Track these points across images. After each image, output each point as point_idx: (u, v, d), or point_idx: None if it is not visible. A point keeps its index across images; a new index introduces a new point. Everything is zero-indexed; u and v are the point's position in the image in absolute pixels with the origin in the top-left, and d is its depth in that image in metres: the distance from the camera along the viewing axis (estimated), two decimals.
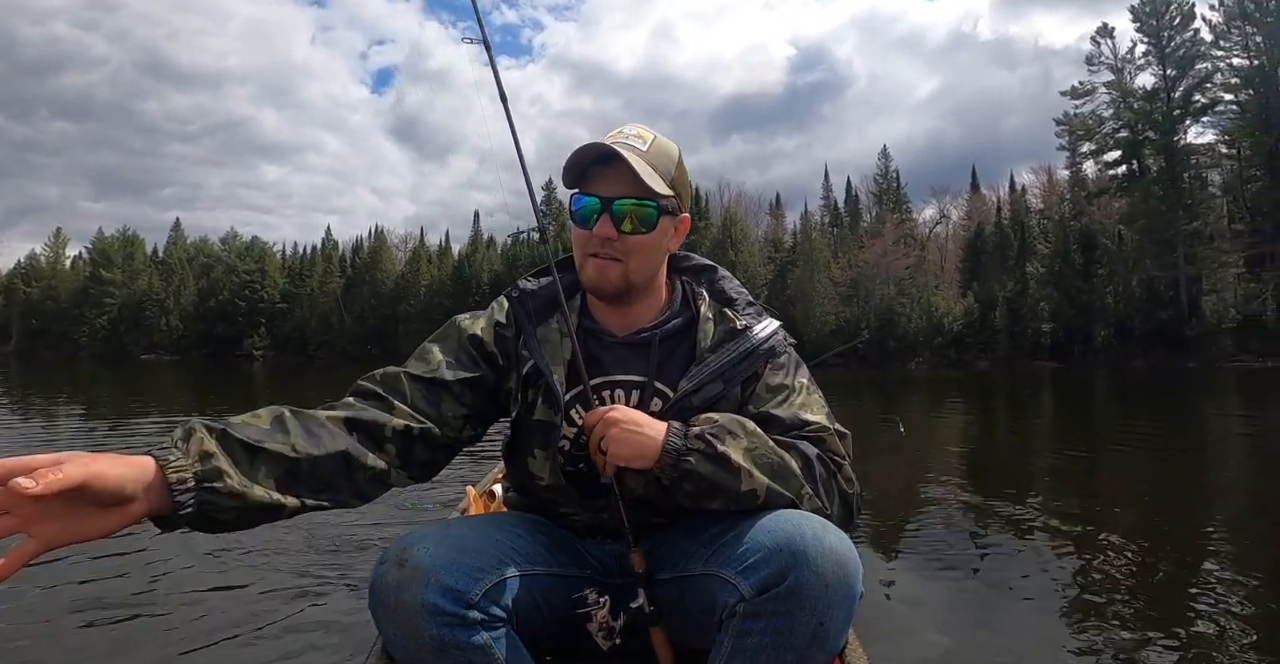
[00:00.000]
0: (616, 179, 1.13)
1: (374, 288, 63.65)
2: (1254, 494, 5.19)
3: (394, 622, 0.96)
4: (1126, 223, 38.72)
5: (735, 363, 1.19)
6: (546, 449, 1.20)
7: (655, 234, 1.17)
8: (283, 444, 1.01)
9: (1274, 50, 35.91)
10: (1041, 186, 48.98)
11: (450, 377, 1.19)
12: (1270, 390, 17.58)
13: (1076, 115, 41.69)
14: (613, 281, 1.17)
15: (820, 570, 0.95)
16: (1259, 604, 2.74)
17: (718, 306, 1.26)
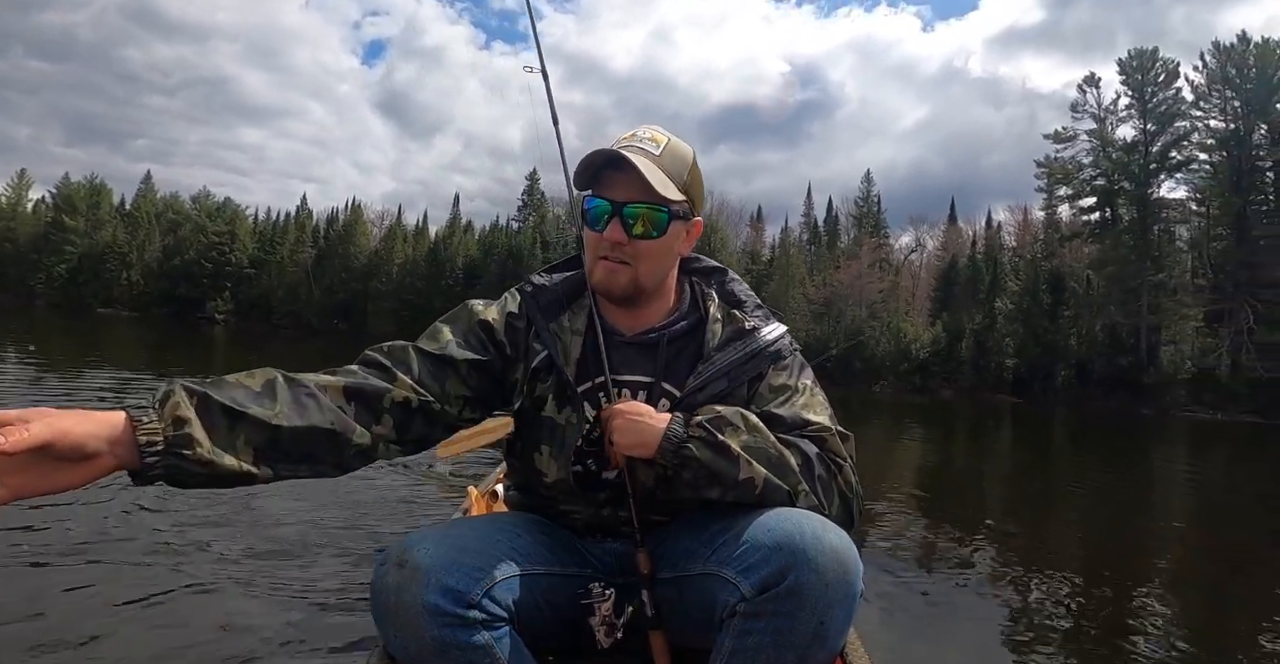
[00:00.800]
0: (628, 183, 1.13)
1: (346, 262, 62.50)
2: (1191, 535, 5.65)
3: (395, 622, 0.96)
4: (1095, 268, 39.62)
5: (741, 362, 1.20)
6: (553, 445, 1.21)
7: (666, 239, 1.17)
8: (268, 411, 1.00)
9: (1250, 116, 37.08)
10: (1016, 225, 49.97)
11: (458, 355, 1.18)
12: (1217, 442, 18.23)
13: (1057, 159, 42.51)
14: (621, 285, 1.18)
15: (821, 570, 0.95)
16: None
17: (726, 308, 1.27)
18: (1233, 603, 3.66)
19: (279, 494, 4.38)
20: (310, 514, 3.82)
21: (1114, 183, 40.13)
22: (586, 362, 1.21)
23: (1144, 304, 36.53)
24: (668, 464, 1.07)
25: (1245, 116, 37.38)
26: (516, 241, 56.76)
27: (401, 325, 57.15)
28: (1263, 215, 36.83)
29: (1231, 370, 33.87)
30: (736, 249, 51.50)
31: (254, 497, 4.18)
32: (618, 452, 1.10)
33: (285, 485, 4.65)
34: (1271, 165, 37.13)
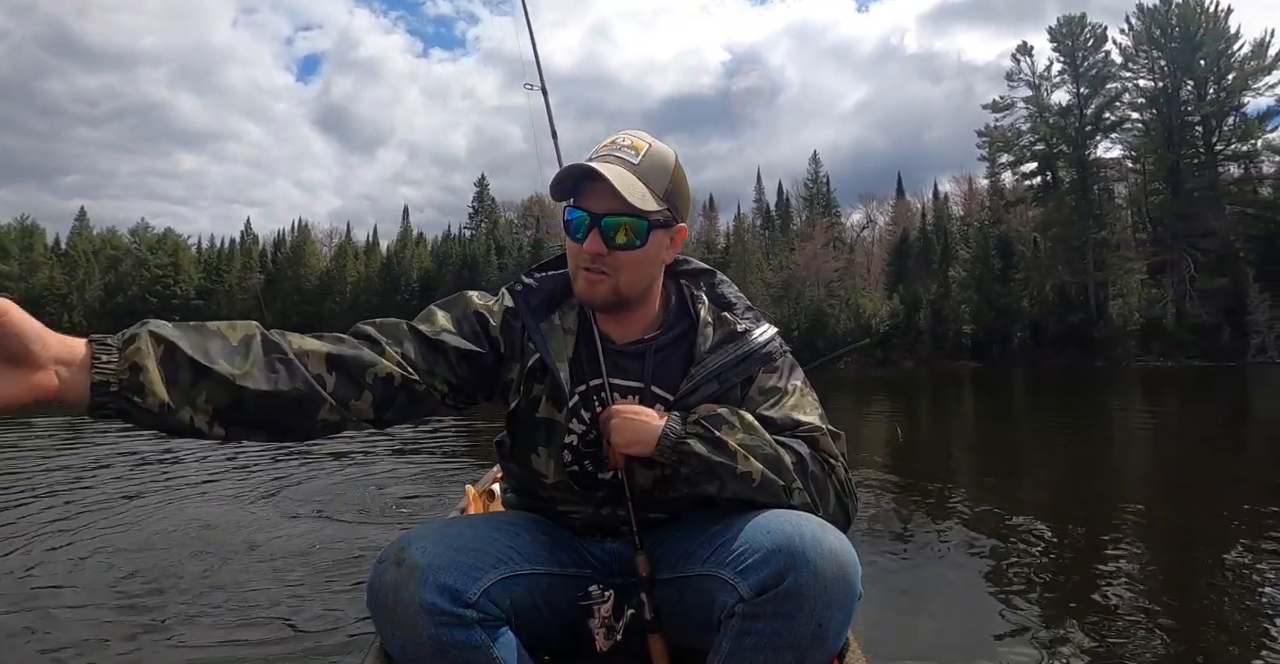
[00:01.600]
0: (606, 194, 1.09)
1: (297, 284, 61.37)
2: (1156, 476, 5.87)
3: (392, 621, 0.96)
4: (1041, 231, 40.61)
5: (732, 365, 1.19)
6: (550, 446, 1.19)
7: (647, 248, 1.14)
8: (235, 370, 0.96)
9: (1178, 74, 38.33)
10: (962, 194, 51.01)
11: (450, 342, 1.16)
12: (1168, 387, 18.72)
13: (996, 128, 43.55)
14: (602, 295, 1.16)
15: (819, 571, 0.94)
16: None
17: (717, 311, 1.26)
18: (1195, 542, 3.70)
19: (275, 491, 4.26)
20: (307, 512, 3.83)
21: (1053, 147, 41.18)
22: (581, 364, 1.20)
23: (1090, 262, 37.53)
24: (666, 461, 1.08)
25: (1172, 74, 38.65)
26: (471, 249, 56.14)
27: None
28: (1195, 168, 38.08)
29: (1177, 318, 34.98)
30: (691, 240, 51.48)
31: (250, 495, 4.10)
32: (616, 451, 1.11)
33: (282, 483, 4.61)
34: (1199, 120, 38.37)
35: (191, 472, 5.13)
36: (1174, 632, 2.47)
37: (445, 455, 6.08)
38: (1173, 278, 36.08)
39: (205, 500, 4.11)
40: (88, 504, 3.95)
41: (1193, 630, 2.54)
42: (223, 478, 4.82)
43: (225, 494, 4.29)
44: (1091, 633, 2.53)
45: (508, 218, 59.39)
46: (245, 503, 3.93)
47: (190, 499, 3.84)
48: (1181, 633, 2.52)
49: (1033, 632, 2.52)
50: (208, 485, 4.60)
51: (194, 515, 3.72)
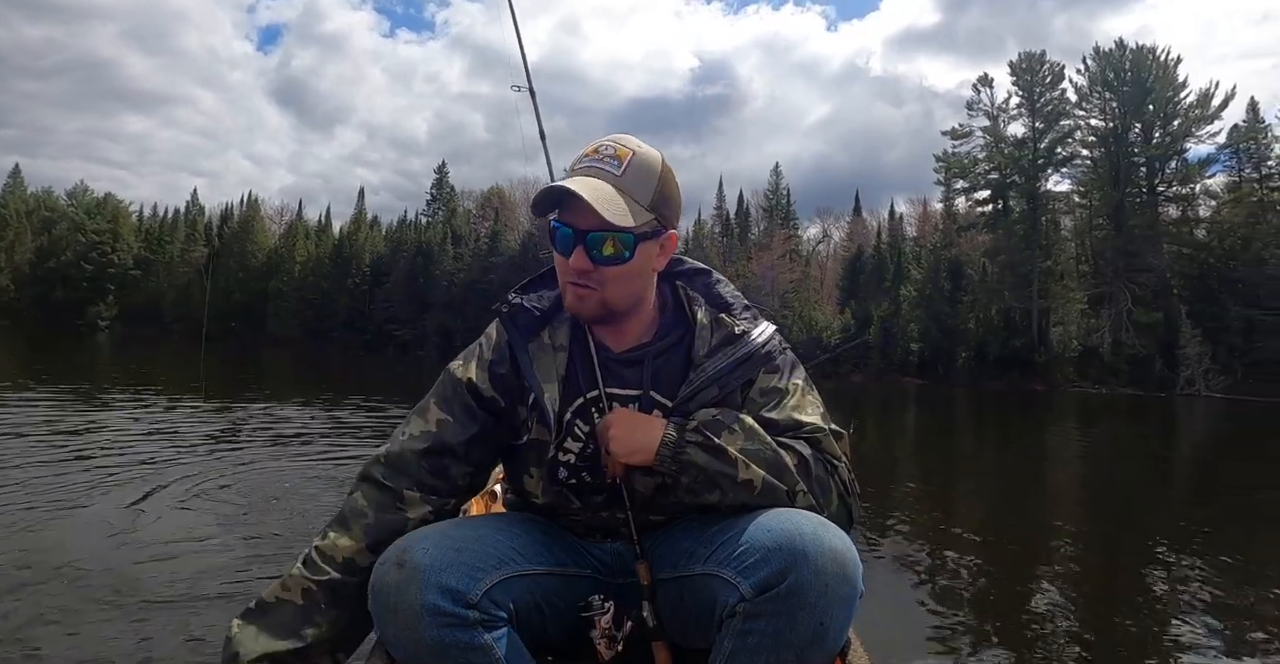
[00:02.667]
0: (588, 210, 1.07)
1: (243, 260, 59.28)
2: (1084, 496, 6.32)
3: (394, 622, 0.97)
4: (990, 256, 41.70)
5: (731, 368, 1.17)
6: (541, 467, 1.19)
7: (634, 262, 1.13)
8: (325, 633, 1.08)
9: (1127, 116, 39.82)
10: (917, 216, 52.08)
11: (452, 440, 1.17)
12: (1102, 413, 19.48)
13: (953, 154, 44.53)
14: (591, 309, 1.15)
15: (820, 570, 0.94)
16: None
17: (714, 312, 1.24)
18: (1119, 555, 4.00)
19: (276, 496, 4.29)
20: (306, 515, 3.85)
21: (1006, 176, 42.36)
22: (576, 377, 1.19)
23: (1034, 289, 38.64)
24: (666, 470, 1.07)
25: (1122, 116, 40.15)
26: (427, 237, 54.90)
27: (305, 326, 54.69)
28: (1137, 207, 39.62)
29: (1113, 348, 36.24)
30: None
31: (252, 501, 4.13)
32: (615, 462, 1.11)
33: (281, 489, 4.55)
34: (1144, 161, 39.96)
35: (182, 472, 4.86)
36: (1101, 631, 2.67)
37: None
38: (1111, 309, 37.43)
39: (206, 507, 4.03)
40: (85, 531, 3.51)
41: (1115, 633, 2.69)
42: (216, 481, 4.64)
43: (224, 500, 4.24)
44: (1011, 639, 2.62)
45: (466, 207, 58.30)
46: (243, 506, 3.94)
47: (191, 507, 3.87)
48: (1103, 633, 2.69)
49: (955, 637, 2.61)
50: (205, 487, 4.43)
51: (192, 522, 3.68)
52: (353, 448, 5.91)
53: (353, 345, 48.72)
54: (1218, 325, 34.48)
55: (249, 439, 6.03)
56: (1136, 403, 25.78)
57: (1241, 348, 33.99)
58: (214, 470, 4.75)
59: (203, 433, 6.30)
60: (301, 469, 5.03)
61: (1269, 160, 38.73)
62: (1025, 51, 43.21)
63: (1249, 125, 39.15)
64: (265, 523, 3.63)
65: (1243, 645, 2.68)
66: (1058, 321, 38.20)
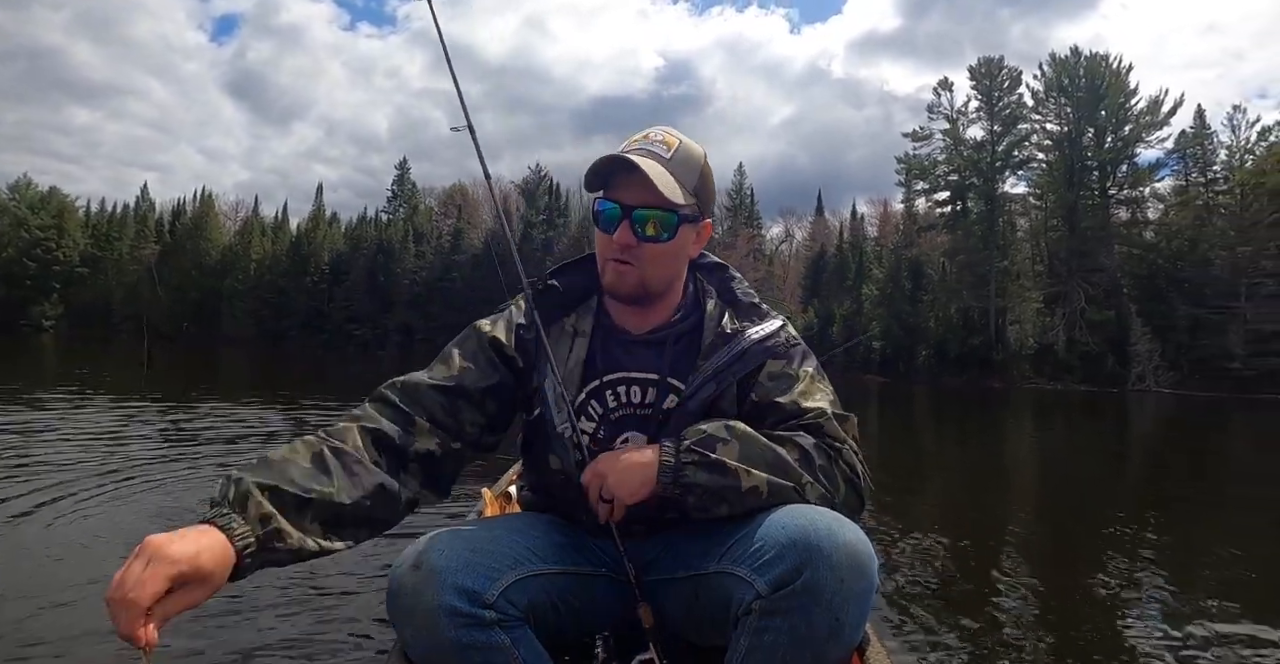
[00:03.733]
0: (638, 187, 1.12)
1: (196, 258, 57.69)
2: (1039, 488, 6.51)
3: (412, 624, 0.97)
4: (949, 256, 42.47)
5: (728, 365, 1.18)
6: (565, 446, 1.19)
7: (675, 242, 1.17)
8: (328, 489, 1.01)
9: (1081, 121, 40.94)
10: (878, 216, 52.84)
11: (471, 385, 1.18)
12: (1057, 410, 19.96)
13: (914, 156, 45.30)
14: (630, 286, 1.18)
15: (835, 566, 0.94)
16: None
17: (722, 307, 1.25)
18: (1074, 546, 4.17)
19: None
20: None
21: (965, 178, 43.21)
22: (594, 360, 1.22)
23: (992, 288, 39.50)
24: (671, 495, 1.07)
25: (1076, 121, 41.25)
26: (388, 235, 54.02)
27: (262, 326, 53.36)
28: (1089, 209, 40.73)
29: (1067, 346, 37.24)
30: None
31: (185, 519, 3.64)
32: (618, 506, 1.09)
33: None
34: (1097, 165, 41.07)
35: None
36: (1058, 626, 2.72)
37: None
38: (1065, 308, 38.39)
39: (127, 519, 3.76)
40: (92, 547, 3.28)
41: (1073, 620, 2.75)
42: (148, 490, 4.28)
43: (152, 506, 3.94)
44: (971, 631, 2.64)
45: (428, 205, 57.49)
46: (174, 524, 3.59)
47: None
48: (1062, 620, 2.75)
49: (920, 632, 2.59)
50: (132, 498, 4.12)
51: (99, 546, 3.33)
52: None
53: (311, 345, 47.67)
54: (1166, 323, 35.69)
55: (192, 444, 5.71)
56: (1090, 399, 26.44)
57: (1188, 345, 35.24)
58: (148, 478, 4.46)
59: (144, 438, 5.95)
60: None
61: (1214, 165, 40.33)
62: (984, 57, 44.27)
63: (1196, 131, 40.61)
64: None
65: (1191, 619, 2.83)
66: (1014, 320, 39.08)
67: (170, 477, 4.48)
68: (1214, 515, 5.22)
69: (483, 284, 44.02)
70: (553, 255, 47.00)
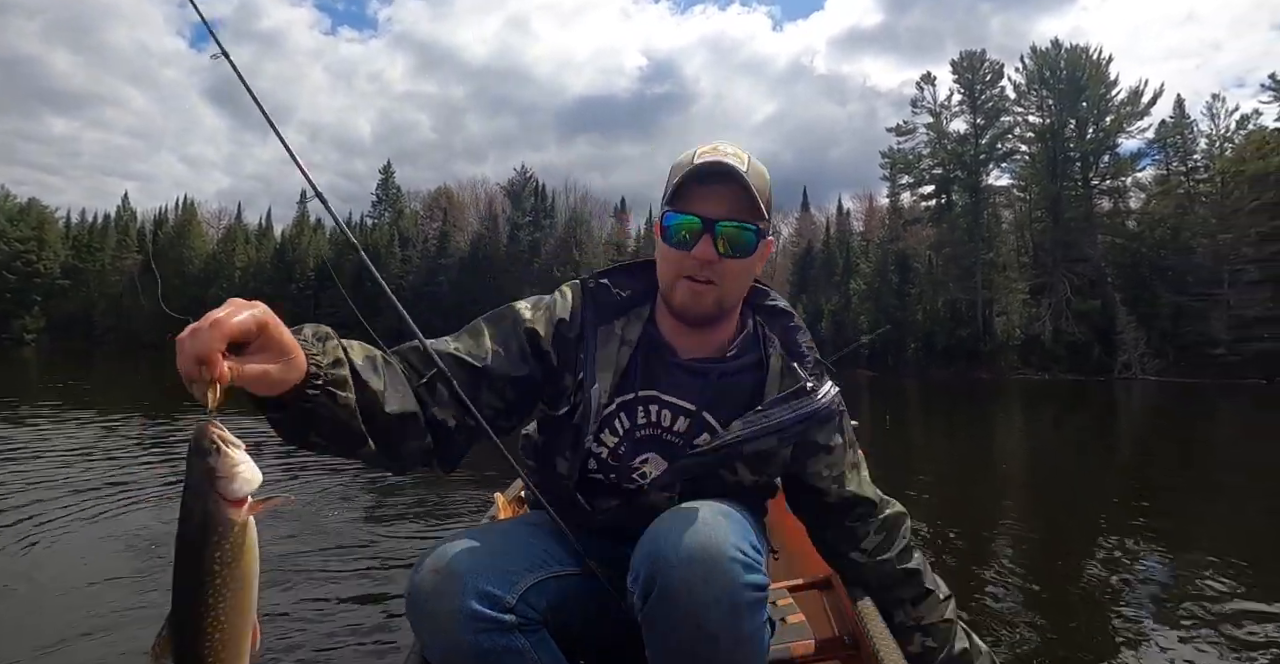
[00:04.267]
0: (721, 199, 1.08)
1: (179, 267, 56.98)
2: (1030, 478, 6.60)
3: (432, 627, 0.95)
4: (935, 249, 42.71)
5: (794, 423, 1.16)
6: (576, 451, 1.16)
7: (752, 258, 1.13)
8: (377, 386, 0.94)
9: (1063, 113, 41.28)
10: (864, 211, 53.00)
11: (497, 371, 1.11)
12: (1044, 399, 20.06)
13: (899, 150, 45.58)
14: (706, 306, 1.13)
15: (684, 571, 0.91)
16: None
17: (788, 359, 1.21)
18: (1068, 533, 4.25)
19: (303, 505, 4.23)
20: (338, 524, 3.88)
21: (950, 172, 43.46)
22: (633, 373, 1.16)
23: (978, 280, 39.75)
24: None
25: (1058, 113, 41.58)
26: (373, 239, 53.73)
27: None
28: (1073, 200, 41.01)
29: (1054, 336, 37.55)
30: (602, 240, 51.32)
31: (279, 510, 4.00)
32: None
33: (312, 494, 4.58)
34: (1079, 156, 41.37)
35: None
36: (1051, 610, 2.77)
37: (469, 465, 5.84)
38: (1051, 298, 38.66)
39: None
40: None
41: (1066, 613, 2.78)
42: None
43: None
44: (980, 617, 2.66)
45: (413, 209, 57.17)
46: (271, 513, 3.65)
47: None
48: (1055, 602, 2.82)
49: None
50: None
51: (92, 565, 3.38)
52: (312, 469, 5.50)
53: None
54: (1150, 311, 36.01)
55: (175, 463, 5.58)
56: (1077, 388, 26.59)
57: (1173, 332, 35.57)
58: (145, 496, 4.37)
59: (132, 454, 5.86)
60: None
61: (1194, 154, 40.65)
62: (966, 51, 44.54)
63: (1176, 121, 40.97)
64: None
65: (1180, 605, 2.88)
66: (1001, 311, 39.32)
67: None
68: (1200, 503, 5.23)
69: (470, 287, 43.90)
70: (540, 257, 46.92)
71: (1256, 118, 39.27)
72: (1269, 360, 32.12)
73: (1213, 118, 40.33)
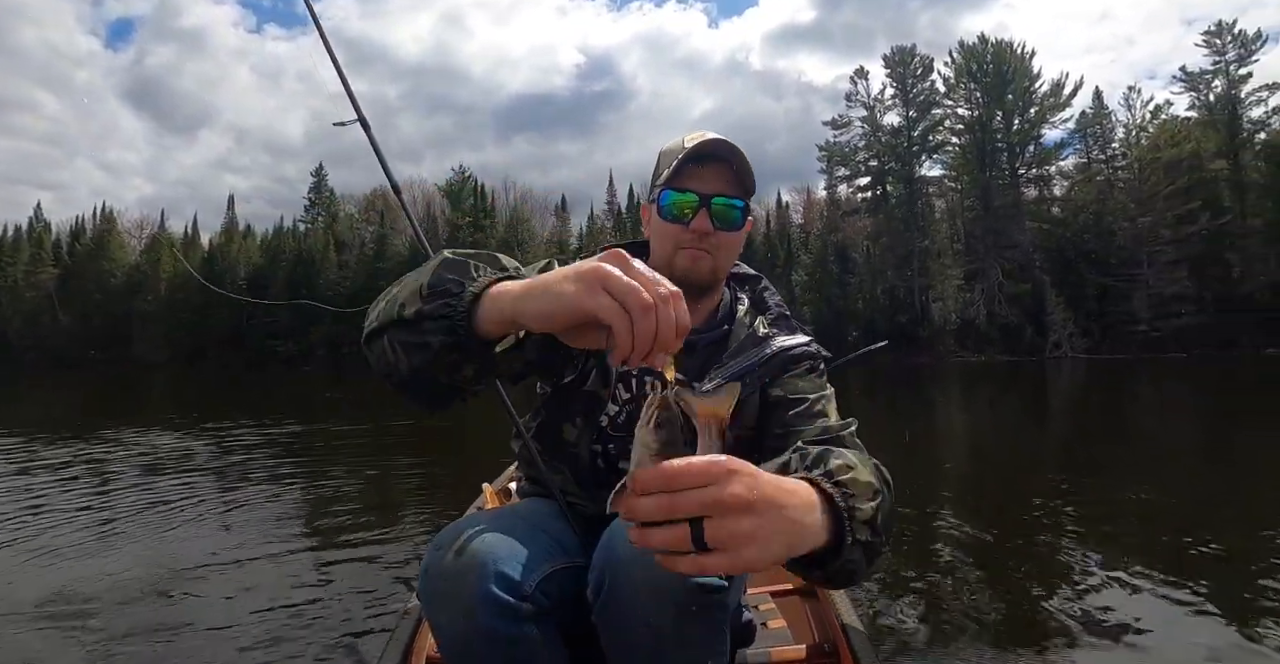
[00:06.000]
0: (715, 177, 1.16)
1: (100, 280, 54.35)
2: (970, 456, 6.76)
3: (448, 608, 0.94)
4: (872, 239, 43.71)
5: (754, 368, 1.17)
6: (588, 420, 1.18)
7: (740, 233, 1.20)
8: None
9: (990, 105, 42.73)
10: (803, 204, 53.85)
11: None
12: (980, 380, 20.73)
13: (834, 143, 46.46)
14: (704, 273, 1.18)
15: (630, 574, 0.91)
16: None
17: (753, 313, 1.26)
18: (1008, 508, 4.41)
19: (290, 503, 4.35)
20: (323, 508, 4.06)
21: (884, 163, 44.54)
22: None
23: (915, 268, 40.82)
24: (810, 570, 0.79)
25: (986, 105, 42.99)
26: (307, 244, 52.09)
27: (177, 348, 50.83)
28: (1001, 189, 42.48)
29: (988, 319, 38.86)
30: (543, 239, 50.90)
31: (280, 500, 4.38)
32: (732, 563, 0.61)
33: (297, 491, 4.70)
34: (1006, 147, 42.83)
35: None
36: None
37: (453, 454, 5.91)
38: (983, 284, 39.95)
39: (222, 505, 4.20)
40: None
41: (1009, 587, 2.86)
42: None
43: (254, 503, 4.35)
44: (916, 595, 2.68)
45: (348, 212, 55.63)
46: (254, 503, 4.15)
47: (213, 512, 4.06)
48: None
49: None
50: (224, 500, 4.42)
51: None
52: (244, 491, 5.09)
53: (233, 365, 45.55)
54: (1077, 293, 37.61)
55: (94, 496, 5.06)
56: (1012, 368, 27.50)
57: (1098, 312, 37.27)
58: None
59: (43, 482, 5.36)
60: (178, 540, 3.65)
61: (1113, 143, 42.65)
62: (897, 46, 45.64)
63: (1095, 112, 42.95)
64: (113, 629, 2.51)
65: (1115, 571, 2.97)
66: (937, 297, 40.43)
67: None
68: (1125, 473, 5.43)
69: None
70: None
71: (1169, 108, 41.56)
72: (1187, 335, 33.96)
73: (1129, 108, 42.41)
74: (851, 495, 0.77)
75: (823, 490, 0.75)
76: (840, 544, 0.73)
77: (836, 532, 0.73)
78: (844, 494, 0.76)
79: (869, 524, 0.78)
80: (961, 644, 2.27)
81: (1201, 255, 36.09)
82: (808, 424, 1.11)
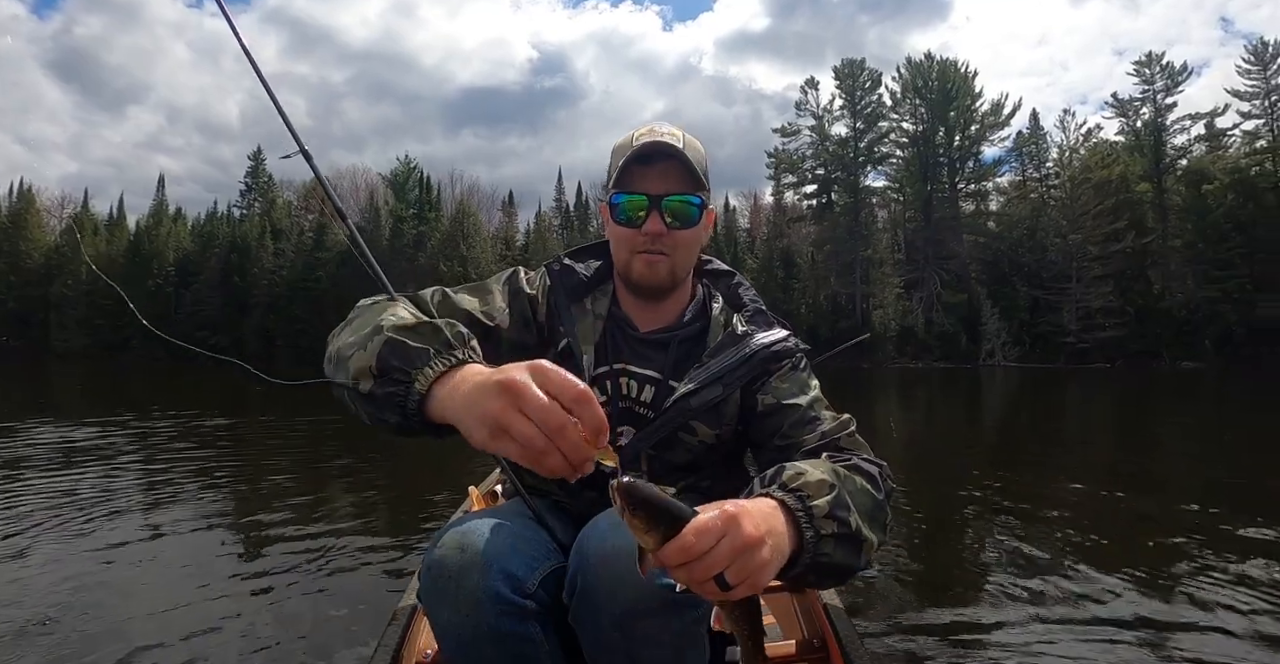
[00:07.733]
0: (663, 176, 1.14)
1: (15, 261, 51.29)
2: (908, 454, 6.96)
3: (452, 606, 0.92)
4: (818, 246, 44.56)
5: (734, 368, 1.16)
6: None
7: (697, 229, 1.18)
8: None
9: (934, 121, 44.06)
10: (750, 209, 54.55)
11: (505, 332, 1.16)
12: (917, 385, 21.28)
13: (783, 151, 47.17)
14: (662, 276, 1.17)
15: (599, 570, 0.92)
16: None
17: (729, 311, 1.26)
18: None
19: (275, 509, 4.20)
20: (314, 514, 4.01)
21: (831, 172, 45.44)
22: (605, 348, 1.20)
23: (858, 275, 41.71)
24: (791, 579, 0.84)
25: (930, 121, 44.31)
26: (242, 231, 50.08)
27: (97, 337, 48.27)
28: (941, 201, 43.90)
29: (926, 327, 40.07)
30: (490, 234, 50.15)
31: (275, 502, 4.31)
32: (743, 587, 0.69)
33: (281, 498, 4.54)
34: (947, 161, 44.21)
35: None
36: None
37: (437, 459, 5.74)
38: (922, 292, 41.19)
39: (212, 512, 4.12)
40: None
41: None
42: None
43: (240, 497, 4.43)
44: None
45: (287, 199, 53.71)
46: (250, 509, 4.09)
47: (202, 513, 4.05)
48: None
49: None
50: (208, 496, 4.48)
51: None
52: (165, 495, 4.70)
53: (158, 356, 43.39)
54: (1010, 304, 39.11)
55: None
56: (949, 374, 28.37)
57: (1029, 323, 38.80)
58: None
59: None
60: (81, 552, 3.36)
61: (1047, 162, 44.49)
62: (847, 58, 46.64)
63: (1031, 132, 44.88)
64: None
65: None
66: (878, 305, 41.43)
67: None
68: (1050, 473, 5.83)
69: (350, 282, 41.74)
70: (425, 251, 45.29)
71: (1099, 131, 43.52)
72: (1111, 346, 35.69)
73: (1063, 130, 44.32)
74: (806, 496, 0.84)
75: (778, 500, 0.83)
76: (802, 541, 0.81)
77: (798, 531, 0.81)
78: (797, 497, 0.83)
79: (831, 517, 0.84)
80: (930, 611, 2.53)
81: (1126, 272, 37.89)
82: (807, 433, 1.10)
